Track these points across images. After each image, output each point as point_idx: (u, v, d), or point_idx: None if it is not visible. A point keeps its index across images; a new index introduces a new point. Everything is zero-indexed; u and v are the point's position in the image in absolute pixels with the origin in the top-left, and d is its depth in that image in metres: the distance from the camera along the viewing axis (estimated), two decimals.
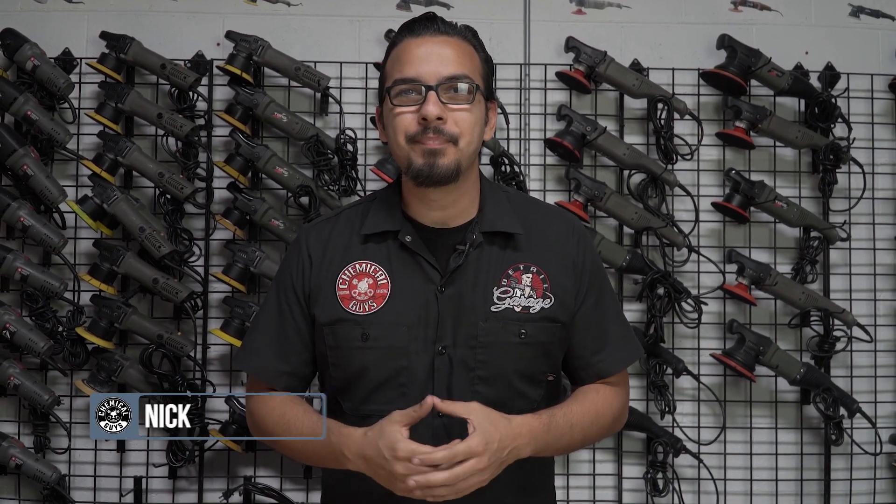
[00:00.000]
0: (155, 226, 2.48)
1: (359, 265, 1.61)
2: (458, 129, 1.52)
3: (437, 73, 1.51)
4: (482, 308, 1.58)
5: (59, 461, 2.53)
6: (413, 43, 1.55)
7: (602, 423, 1.66)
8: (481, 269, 1.59)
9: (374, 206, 1.67)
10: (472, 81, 1.53)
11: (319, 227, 1.70)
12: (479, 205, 1.64)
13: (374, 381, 1.57)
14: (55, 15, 2.65)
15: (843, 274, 2.68)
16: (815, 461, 2.64)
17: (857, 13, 2.75)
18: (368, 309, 1.58)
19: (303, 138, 2.54)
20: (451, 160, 1.52)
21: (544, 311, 1.60)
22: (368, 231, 1.63)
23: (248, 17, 2.66)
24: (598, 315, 1.67)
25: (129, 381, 2.47)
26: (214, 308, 2.60)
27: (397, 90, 1.53)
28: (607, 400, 1.68)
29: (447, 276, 1.58)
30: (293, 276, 1.66)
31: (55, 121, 2.51)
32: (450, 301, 1.57)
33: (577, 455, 2.62)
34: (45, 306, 2.47)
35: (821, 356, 2.59)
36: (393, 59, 1.58)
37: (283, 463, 2.57)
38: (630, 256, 2.55)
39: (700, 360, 2.62)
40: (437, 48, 1.53)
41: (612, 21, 2.72)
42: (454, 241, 1.61)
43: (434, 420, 1.53)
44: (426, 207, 1.61)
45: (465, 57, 1.56)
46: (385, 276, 1.59)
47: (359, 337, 1.57)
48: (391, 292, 1.58)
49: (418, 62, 1.52)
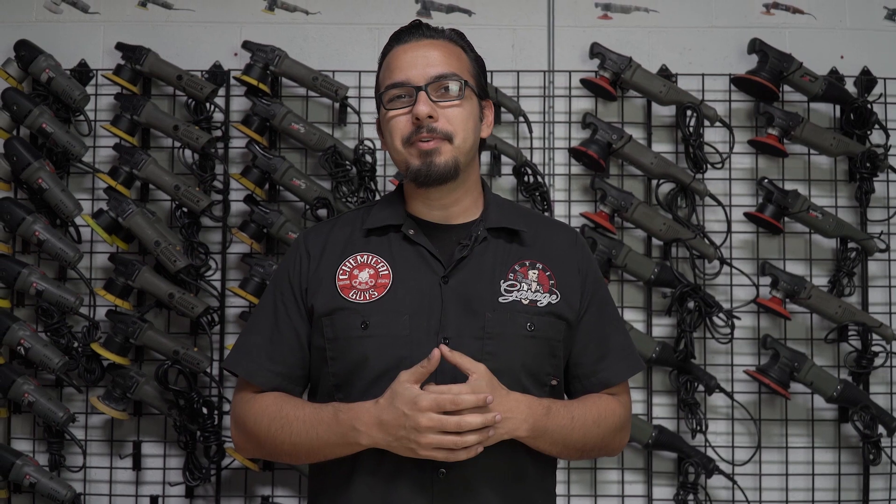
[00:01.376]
0: (171, 239, 2.44)
1: (360, 256, 1.61)
2: (451, 126, 1.55)
3: (425, 74, 1.55)
4: (490, 299, 1.55)
5: (74, 479, 2.49)
6: (401, 49, 1.61)
7: (604, 427, 1.61)
8: (486, 263, 1.59)
9: (377, 205, 1.69)
10: (460, 79, 1.57)
11: (318, 228, 1.71)
12: (484, 205, 1.66)
13: (374, 371, 1.52)
14: (70, 26, 2.62)
15: (882, 286, 2.58)
16: (853, 481, 2.53)
17: (892, 16, 2.66)
18: (369, 297, 1.56)
19: (321, 149, 2.49)
20: (449, 158, 1.55)
21: (551, 305, 1.58)
22: (371, 225, 1.64)
23: (266, 26, 2.62)
24: (601, 323, 1.66)
25: (145, 398, 2.42)
26: (231, 323, 2.55)
27: (389, 95, 1.58)
28: (610, 406, 1.64)
29: (451, 268, 1.56)
30: (290, 273, 1.64)
31: (70, 133, 2.48)
32: (454, 292, 1.54)
33: (605, 476, 2.54)
34: (60, 322, 2.43)
35: (859, 372, 2.49)
36: (384, 68, 1.63)
37: (301, 482, 2.50)
38: (658, 269, 2.47)
39: (733, 377, 2.54)
40: (423, 51, 1.58)
41: (639, 26, 2.65)
42: (458, 237, 1.61)
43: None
44: (428, 207, 1.63)
45: (452, 57, 1.60)
46: (387, 267, 1.59)
47: (359, 325, 1.54)
48: (393, 282, 1.57)
49: (407, 66, 1.57)
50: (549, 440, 1.53)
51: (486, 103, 1.66)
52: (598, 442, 1.62)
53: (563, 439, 1.55)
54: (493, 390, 1.44)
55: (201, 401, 2.42)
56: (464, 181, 1.61)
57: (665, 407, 2.52)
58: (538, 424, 1.50)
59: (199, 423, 2.42)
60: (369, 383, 1.53)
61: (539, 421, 1.50)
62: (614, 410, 1.64)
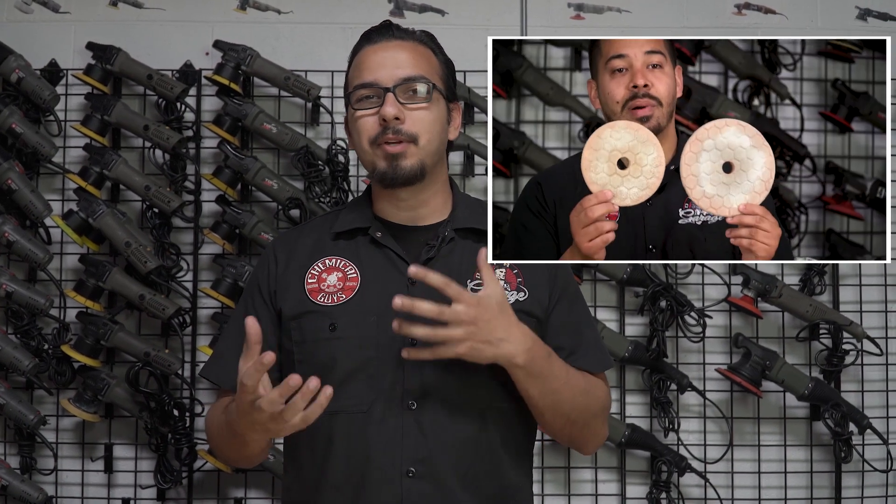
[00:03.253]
0: (142, 240, 2.42)
1: (328, 260, 1.61)
2: (417, 128, 1.55)
3: (393, 76, 1.55)
4: None
5: (45, 482, 2.46)
6: (370, 50, 1.61)
7: (591, 399, 1.60)
8: (454, 263, 1.59)
9: (344, 209, 1.70)
10: (428, 81, 1.57)
11: (286, 235, 1.74)
12: (453, 205, 1.67)
13: (342, 373, 1.52)
14: (41, 26, 2.59)
15: (852, 285, 2.59)
16: (825, 479, 2.55)
17: (864, 16, 2.68)
18: (337, 300, 1.57)
19: (293, 149, 2.48)
20: (415, 161, 1.55)
21: (519, 303, 1.58)
22: (339, 229, 1.64)
23: (238, 25, 2.61)
24: (572, 317, 1.66)
25: (116, 401, 2.40)
26: (203, 325, 2.54)
27: (357, 95, 1.58)
28: (598, 383, 1.64)
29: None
30: (259, 278, 1.66)
31: (40, 134, 2.45)
32: (422, 293, 1.52)
33: (578, 475, 2.54)
34: (30, 323, 2.41)
35: (830, 370, 2.51)
36: (353, 68, 1.63)
37: (275, 484, 2.49)
38: (631, 268, 2.48)
39: (705, 376, 2.54)
40: (392, 53, 1.59)
41: (612, 26, 2.65)
42: (425, 238, 1.61)
43: (404, 413, 1.50)
44: (395, 207, 1.63)
45: (421, 59, 1.60)
46: (355, 271, 1.59)
47: (327, 327, 1.55)
48: (360, 285, 1.58)
49: (376, 67, 1.57)
50: (541, 385, 1.50)
51: (454, 105, 1.67)
52: (584, 413, 1.60)
53: (554, 391, 1.52)
54: (501, 304, 1.43)
55: (173, 403, 2.40)
56: (431, 183, 1.62)
57: (638, 406, 2.53)
58: (537, 361, 1.48)
59: (171, 425, 2.40)
60: (337, 385, 1.50)
61: (539, 358, 1.48)
62: (601, 387, 1.65)
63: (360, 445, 1.51)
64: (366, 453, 1.50)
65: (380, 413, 1.51)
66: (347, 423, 1.52)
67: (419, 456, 1.49)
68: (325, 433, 1.53)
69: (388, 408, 1.51)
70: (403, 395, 1.51)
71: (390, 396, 1.51)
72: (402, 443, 1.49)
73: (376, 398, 1.51)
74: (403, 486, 1.49)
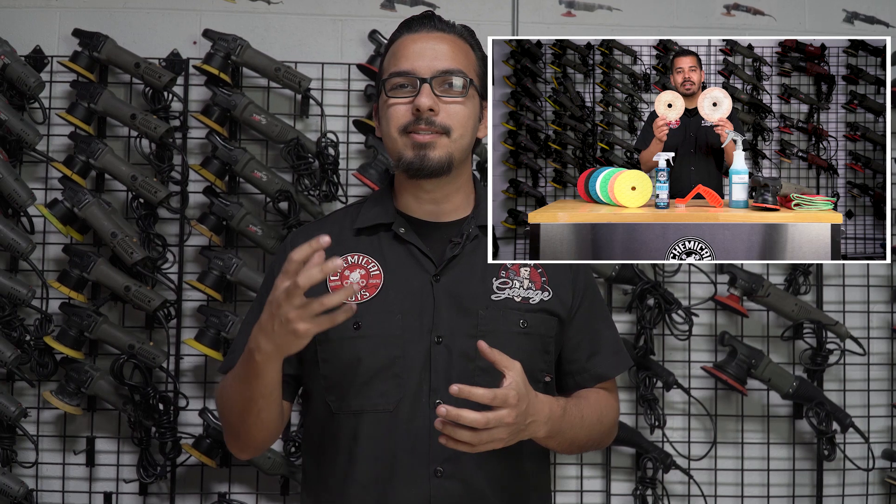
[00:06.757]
0: (127, 231, 2.39)
1: (350, 257, 1.58)
2: (451, 121, 1.53)
3: (431, 67, 1.54)
4: (482, 297, 1.55)
5: (26, 475, 2.43)
6: (410, 39, 1.58)
7: (604, 424, 1.63)
8: (478, 261, 1.58)
9: (366, 204, 1.67)
10: (465, 76, 1.55)
11: (305, 229, 1.69)
12: (475, 202, 1.65)
13: (367, 372, 1.51)
14: (26, 12, 2.55)
15: (836, 285, 2.62)
16: (807, 477, 2.58)
17: (851, 19, 2.71)
18: (361, 298, 1.54)
19: (282, 141, 2.46)
20: (443, 153, 1.53)
21: (543, 302, 1.58)
22: (361, 225, 1.61)
23: (227, 14, 2.58)
24: (592, 319, 1.66)
25: (100, 393, 2.37)
26: (188, 317, 2.51)
27: (392, 83, 1.56)
28: (608, 403, 1.66)
29: (442, 266, 1.55)
30: (277, 274, 1.58)
31: (25, 121, 2.42)
32: (446, 291, 1.53)
33: (564, 471, 2.55)
34: (11, 314, 2.36)
35: (814, 369, 2.53)
36: (390, 55, 1.60)
37: (259, 479, 2.48)
38: (619, 266, 2.48)
39: (691, 374, 2.56)
40: (432, 44, 1.56)
41: (602, 24, 2.66)
42: (449, 235, 1.59)
43: (430, 412, 1.46)
44: (419, 201, 1.61)
45: (460, 53, 1.58)
46: (378, 268, 1.57)
47: (351, 326, 1.51)
48: (384, 282, 1.55)
49: (414, 57, 1.55)
50: (559, 439, 1.51)
51: (484, 104, 1.64)
52: (598, 437, 1.63)
53: (571, 438, 1.54)
54: (528, 388, 1.39)
55: (157, 396, 2.38)
56: (456, 178, 1.59)
57: (624, 403, 2.53)
58: (555, 426, 1.47)
59: (155, 419, 2.37)
60: (362, 384, 1.51)
61: (557, 422, 1.47)
62: (612, 407, 1.66)
63: (387, 445, 1.49)
64: (393, 453, 1.49)
65: (407, 413, 1.50)
66: (374, 423, 1.50)
67: (447, 455, 1.47)
68: (350, 432, 1.51)
69: (415, 407, 1.49)
70: (430, 394, 1.50)
71: (417, 396, 1.50)
72: (430, 442, 1.47)
73: (403, 398, 1.49)
74: (431, 486, 1.48)
